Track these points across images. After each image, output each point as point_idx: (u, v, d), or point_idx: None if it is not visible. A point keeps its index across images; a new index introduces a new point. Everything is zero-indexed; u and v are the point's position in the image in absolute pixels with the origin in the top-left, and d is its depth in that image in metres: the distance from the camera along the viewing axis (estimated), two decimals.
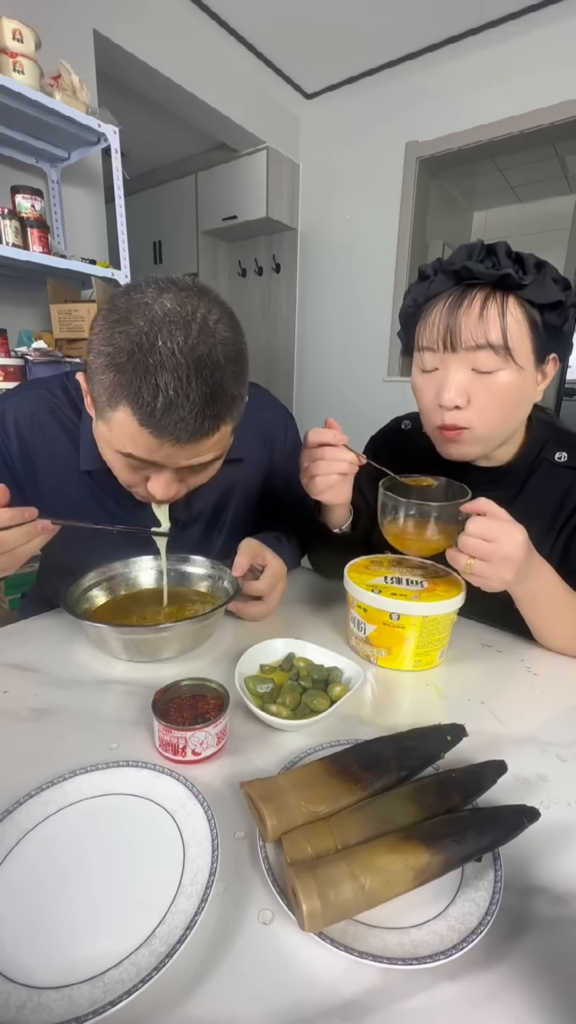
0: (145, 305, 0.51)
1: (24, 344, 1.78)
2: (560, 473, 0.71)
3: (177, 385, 0.50)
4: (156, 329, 0.50)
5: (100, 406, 0.56)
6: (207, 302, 0.53)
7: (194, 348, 0.51)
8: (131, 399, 0.51)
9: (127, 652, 0.62)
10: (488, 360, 0.60)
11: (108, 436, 0.57)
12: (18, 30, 1.53)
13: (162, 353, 0.50)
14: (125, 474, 0.62)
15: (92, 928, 0.32)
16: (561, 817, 0.42)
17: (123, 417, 0.53)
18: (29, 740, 0.49)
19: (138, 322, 0.50)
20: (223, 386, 0.53)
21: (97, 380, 0.54)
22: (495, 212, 3.84)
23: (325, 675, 0.57)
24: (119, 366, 0.51)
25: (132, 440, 0.55)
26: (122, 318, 0.51)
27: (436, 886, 0.34)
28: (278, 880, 0.34)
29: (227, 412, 0.56)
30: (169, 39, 2.22)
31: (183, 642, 0.63)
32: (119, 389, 0.51)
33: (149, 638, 0.61)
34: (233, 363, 0.55)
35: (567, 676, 0.63)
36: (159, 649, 0.62)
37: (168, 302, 0.51)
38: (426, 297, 0.64)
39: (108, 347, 0.52)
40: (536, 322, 0.61)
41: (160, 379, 0.50)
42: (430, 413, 0.67)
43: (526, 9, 2.16)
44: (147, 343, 0.50)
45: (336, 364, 3.21)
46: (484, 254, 0.61)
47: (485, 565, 0.55)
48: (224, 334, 0.54)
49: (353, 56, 2.52)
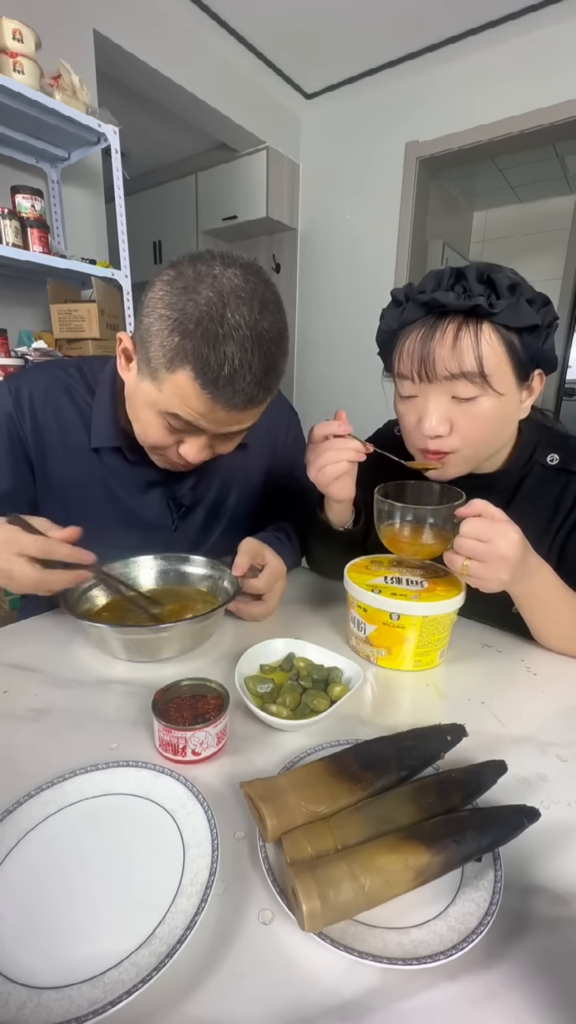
0: (213, 277, 0.54)
1: (24, 344, 1.78)
2: (553, 476, 0.71)
3: (242, 356, 0.54)
4: (224, 301, 0.53)
5: (154, 367, 0.57)
6: (264, 283, 0.57)
7: (257, 323, 0.54)
8: (196, 364, 0.54)
9: (127, 652, 0.62)
10: (466, 388, 0.60)
11: (155, 396, 0.59)
12: (18, 30, 1.52)
13: (230, 324, 0.53)
14: (160, 436, 0.64)
15: (92, 928, 0.32)
16: (561, 817, 0.42)
17: (183, 380, 0.55)
18: (29, 740, 0.49)
19: (207, 292, 0.53)
20: (276, 361, 0.58)
21: (155, 341, 0.56)
22: (495, 212, 3.84)
23: (325, 675, 0.57)
24: (186, 331, 0.53)
25: (184, 402, 0.57)
26: (189, 286, 0.54)
27: (436, 886, 0.34)
28: (278, 880, 0.34)
29: (275, 385, 0.60)
30: (169, 39, 2.22)
31: (183, 642, 0.63)
32: (183, 353, 0.54)
33: (149, 638, 0.61)
34: (283, 340, 0.59)
35: (567, 676, 0.63)
36: (159, 649, 0.62)
37: (235, 277, 0.54)
38: (400, 324, 0.64)
39: (174, 312, 0.54)
40: (514, 345, 0.60)
41: (227, 348, 0.53)
42: (413, 437, 0.67)
43: (526, 9, 2.16)
44: (216, 314, 0.53)
45: (336, 364, 3.20)
46: (454, 280, 0.60)
47: (481, 566, 0.55)
48: (276, 313, 0.58)
49: (353, 56, 2.52)
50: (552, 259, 3.36)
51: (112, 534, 0.76)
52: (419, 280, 0.64)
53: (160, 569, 0.76)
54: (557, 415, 3.36)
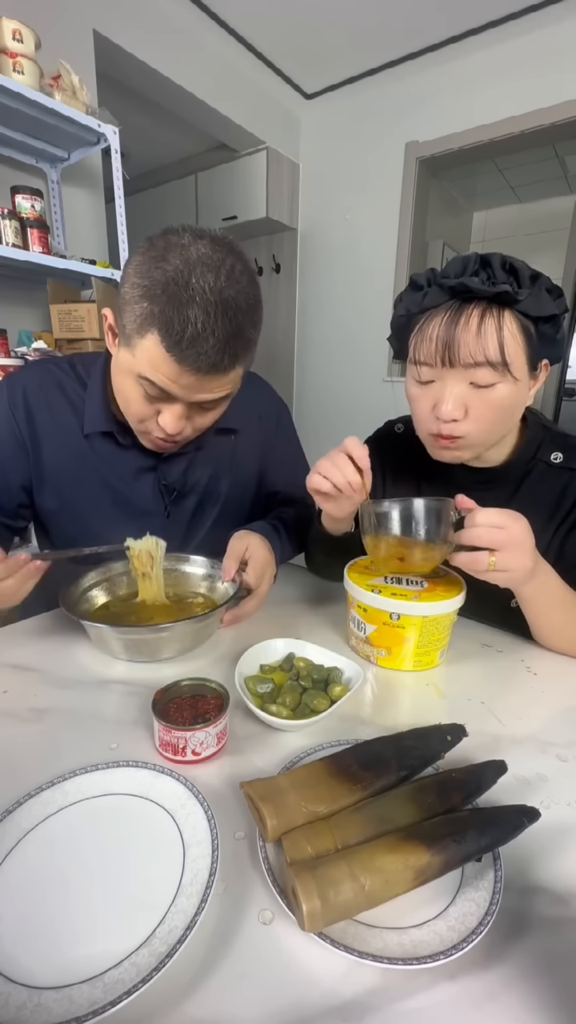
0: (182, 247, 0.57)
1: (24, 344, 1.78)
2: (556, 473, 0.71)
3: (205, 320, 0.56)
4: (191, 268, 0.55)
5: (128, 333, 0.60)
6: (234, 255, 0.59)
7: (222, 290, 0.56)
8: (161, 327, 0.56)
9: (127, 652, 0.62)
10: (486, 375, 0.60)
11: (131, 362, 0.62)
12: (18, 30, 1.52)
13: (194, 289, 0.55)
14: (139, 405, 0.66)
15: (92, 928, 0.32)
16: (561, 817, 0.42)
17: (150, 344, 0.58)
18: (29, 740, 0.49)
19: (175, 260, 0.56)
20: (243, 328, 0.59)
21: (129, 309, 0.59)
22: (495, 212, 3.83)
23: (325, 675, 0.57)
24: (154, 296, 0.56)
25: (154, 366, 0.59)
26: (159, 255, 0.57)
27: (436, 886, 0.34)
28: (278, 880, 0.34)
29: (243, 353, 0.62)
30: (169, 39, 2.22)
31: (183, 642, 0.63)
32: (151, 317, 0.57)
33: (149, 638, 0.61)
34: (252, 310, 0.61)
35: (567, 676, 0.63)
36: (159, 649, 0.62)
37: (203, 247, 0.57)
38: (420, 308, 0.64)
39: (145, 280, 0.57)
40: (531, 333, 0.60)
41: (190, 312, 0.55)
42: (425, 422, 0.67)
43: (526, 9, 2.15)
44: (182, 279, 0.55)
45: (336, 364, 3.20)
46: (479, 266, 0.60)
47: (505, 555, 0.54)
48: (246, 283, 0.59)
49: (353, 56, 2.52)
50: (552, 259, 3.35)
51: (106, 522, 0.77)
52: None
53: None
54: (557, 415, 3.36)
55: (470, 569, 0.57)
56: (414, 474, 0.81)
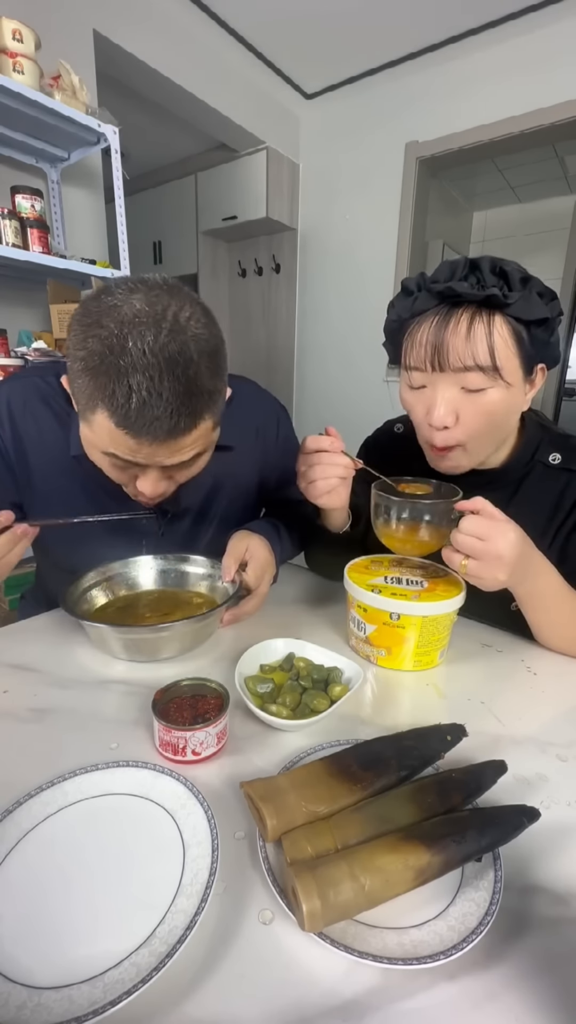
0: (115, 307, 0.51)
1: (24, 344, 1.78)
2: (555, 475, 0.71)
3: (149, 385, 0.50)
4: (127, 331, 0.50)
5: (81, 409, 0.56)
6: (178, 299, 0.53)
7: (165, 347, 0.50)
8: (106, 402, 0.51)
9: (127, 652, 0.62)
10: (476, 379, 0.60)
11: (91, 438, 0.58)
12: (18, 30, 1.52)
13: (132, 354, 0.50)
14: (113, 473, 0.62)
15: (92, 928, 0.32)
16: (561, 817, 0.42)
17: (101, 420, 0.53)
18: (29, 740, 0.49)
19: (108, 324, 0.50)
20: (197, 382, 0.53)
21: (75, 385, 0.54)
22: (495, 212, 3.83)
23: (325, 675, 0.57)
24: (93, 370, 0.51)
25: (113, 441, 0.55)
26: (94, 322, 0.51)
27: (436, 886, 0.34)
28: (278, 880, 0.34)
29: (204, 408, 0.55)
30: (169, 39, 2.22)
31: (183, 641, 0.63)
32: (95, 393, 0.52)
33: (149, 638, 0.61)
34: (207, 358, 0.54)
35: (567, 676, 0.63)
36: (159, 649, 0.62)
37: (137, 302, 0.51)
38: (411, 313, 0.64)
39: (82, 351, 0.52)
40: (523, 337, 0.60)
41: (132, 380, 0.50)
42: (422, 430, 0.68)
43: (526, 9, 2.16)
44: (118, 345, 0.50)
45: (336, 364, 3.20)
46: (468, 270, 0.60)
47: (478, 564, 0.55)
48: (197, 330, 0.53)
49: (353, 56, 2.52)
50: (552, 259, 3.35)
51: (99, 540, 0.75)
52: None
53: (160, 569, 0.76)
54: (557, 415, 3.36)
55: (447, 565, 0.59)
56: (414, 474, 0.81)
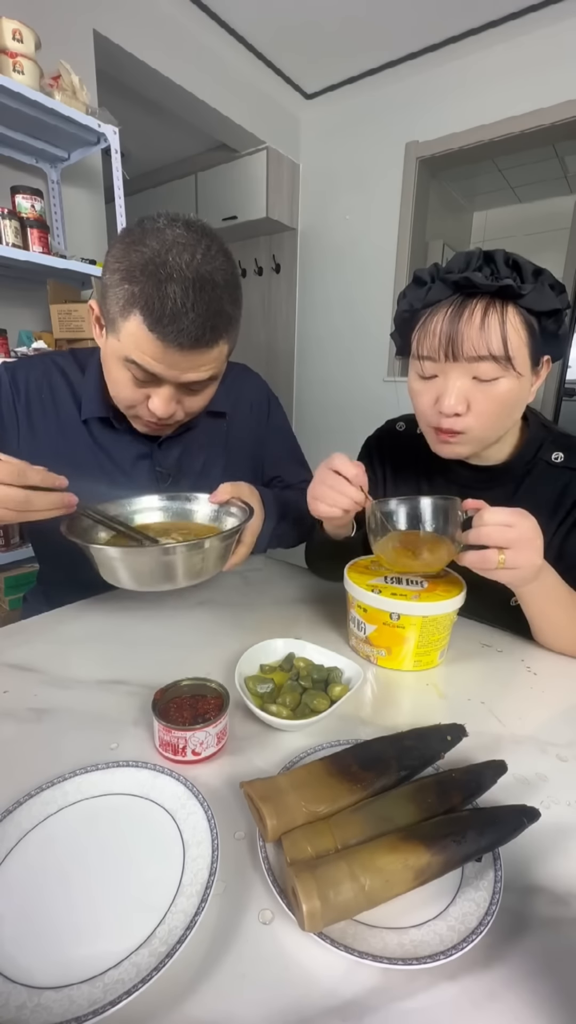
0: (158, 230, 0.59)
1: (24, 344, 1.78)
2: (557, 473, 0.71)
3: (184, 296, 0.58)
4: (167, 248, 0.58)
5: (112, 318, 0.62)
6: (209, 236, 0.61)
7: (199, 267, 0.58)
8: (143, 306, 0.58)
9: (135, 578, 0.60)
10: (489, 369, 0.60)
11: (117, 347, 0.63)
12: (18, 30, 1.52)
13: (172, 267, 0.57)
14: (128, 390, 0.67)
15: (92, 928, 0.32)
16: (561, 817, 0.42)
17: (134, 325, 0.60)
18: (29, 740, 0.49)
19: (152, 243, 0.58)
20: (222, 304, 0.61)
21: (111, 294, 0.61)
22: (495, 212, 3.83)
23: (325, 675, 0.57)
24: (134, 278, 0.58)
25: (139, 347, 0.61)
26: (137, 240, 0.59)
27: (436, 886, 0.34)
28: (278, 880, 0.34)
29: (224, 329, 0.63)
30: (169, 39, 2.22)
31: (191, 566, 0.61)
32: (132, 298, 0.58)
33: (158, 559, 0.59)
34: (231, 287, 0.63)
35: (567, 676, 0.63)
36: (169, 573, 0.60)
37: (178, 229, 0.60)
38: (423, 304, 0.64)
39: (124, 263, 0.59)
40: (533, 328, 0.61)
41: (169, 289, 0.57)
42: (428, 416, 0.67)
43: (526, 9, 2.15)
44: (159, 259, 0.57)
45: (336, 364, 3.20)
46: (482, 262, 0.60)
47: (515, 553, 0.54)
48: (222, 261, 0.61)
49: (353, 56, 2.52)
50: (552, 259, 3.34)
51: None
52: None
53: (162, 507, 0.75)
54: (557, 415, 3.35)
55: (479, 568, 0.56)
56: (415, 473, 0.81)
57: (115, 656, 0.64)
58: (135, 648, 0.67)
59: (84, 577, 0.82)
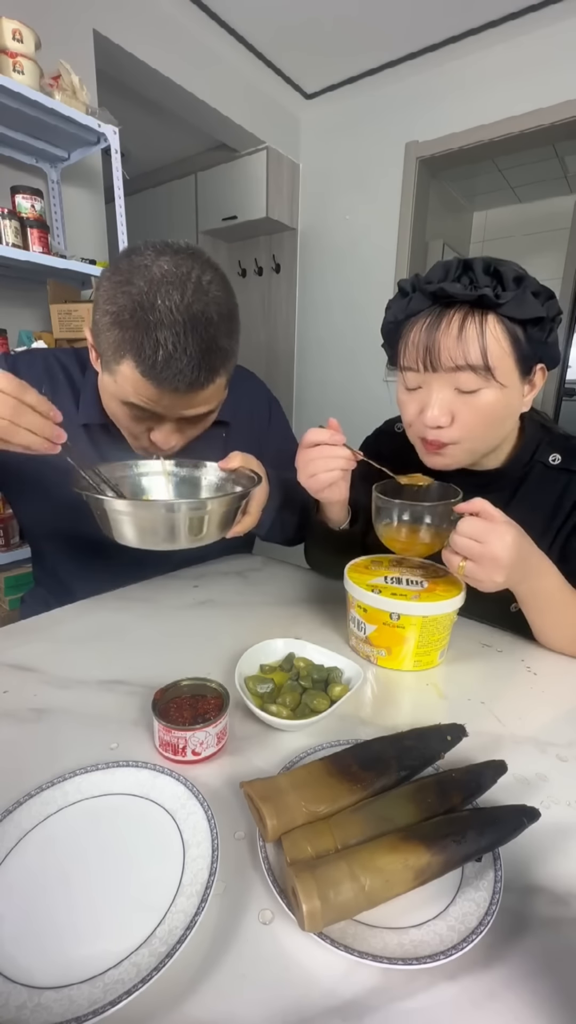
0: (144, 267, 0.57)
1: (24, 344, 1.78)
2: (554, 476, 0.71)
3: (175, 340, 0.56)
4: (155, 289, 0.56)
5: (106, 360, 0.62)
6: (200, 264, 0.59)
7: (190, 306, 0.57)
8: (134, 353, 0.57)
9: (140, 534, 0.60)
10: (469, 380, 0.60)
11: (113, 388, 0.63)
12: (18, 30, 1.52)
13: (161, 311, 0.55)
14: (130, 424, 0.67)
15: (92, 928, 0.32)
16: (561, 817, 0.42)
17: (127, 370, 0.59)
18: (29, 740, 0.49)
19: (139, 283, 0.56)
20: (216, 340, 0.59)
21: (103, 336, 0.60)
22: (495, 212, 3.83)
23: (325, 675, 0.57)
24: (123, 323, 0.57)
25: (135, 391, 0.60)
26: (124, 279, 0.57)
27: (436, 886, 0.34)
28: (278, 880, 0.34)
29: (220, 365, 0.62)
30: (169, 39, 2.22)
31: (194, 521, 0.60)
32: (123, 344, 0.57)
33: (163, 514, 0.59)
34: (225, 320, 0.61)
35: (567, 676, 0.63)
36: (172, 532, 0.60)
37: (165, 264, 0.57)
38: (406, 314, 0.64)
39: (112, 306, 0.57)
40: (518, 337, 0.60)
41: (160, 335, 0.56)
42: (414, 427, 0.68)
43: (526, 9, 2.15)
44: (147, 302, 0.55)
45: (336, 364, 3.20)
46: (461, 271, 0.60)
47: (475, 567, 0.55)
48: (216, 293, 0.59)
49: (353, 56, 2.52)
50: (552, 259, 3.35)
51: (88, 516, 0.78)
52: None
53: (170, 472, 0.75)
54: (557, 415, 3.35)
55: (446, 566, 0.59)
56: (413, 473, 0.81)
57: (115, 656, 0.64)
58: (135, 648, 0.67)
59: (77, 583, 0.82)
